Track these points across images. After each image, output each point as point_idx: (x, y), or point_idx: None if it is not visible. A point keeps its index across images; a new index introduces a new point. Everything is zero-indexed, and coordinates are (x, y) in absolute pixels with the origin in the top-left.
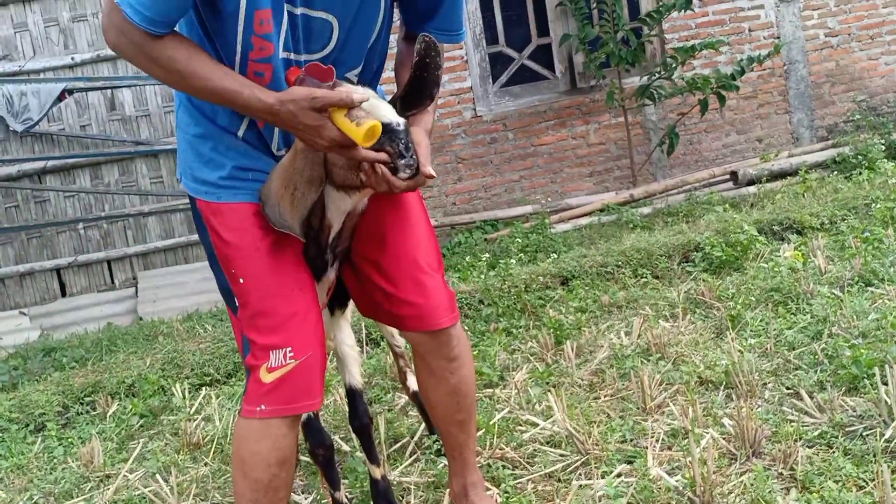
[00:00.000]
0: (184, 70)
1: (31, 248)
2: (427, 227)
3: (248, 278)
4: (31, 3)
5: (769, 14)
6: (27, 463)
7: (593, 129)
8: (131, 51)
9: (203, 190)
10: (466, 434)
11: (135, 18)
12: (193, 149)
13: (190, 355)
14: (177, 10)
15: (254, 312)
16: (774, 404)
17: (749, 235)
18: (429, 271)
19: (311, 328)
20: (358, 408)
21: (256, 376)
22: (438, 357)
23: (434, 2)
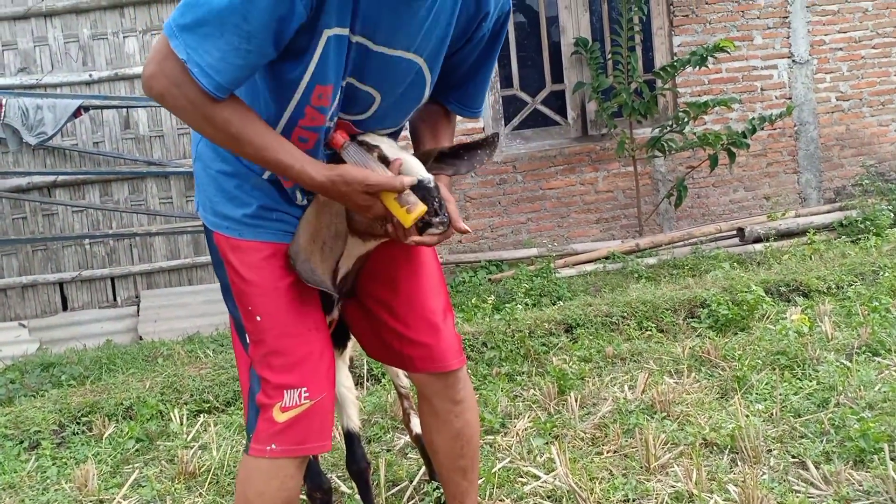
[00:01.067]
0: (237, 134)
1: (36, 260)
2: (437, 271)
3: (266, 316)
4: (53, 18)
5: (782, 74)
6: (20, 482)
7: (602, 177)
8: (183, 105)
9: (224, 225)
10: (468, 482)
11: (203, 81)
12: (216, 183)
13: (190, 380)
14: (246, 77)
15: (269, 351)
16: (780, 472)
17: (756, 295)
18: (439, 313)
19: (325, 369)
20: (356, 451)
21: (269, 415)
22: (444, 399)
23: (465, 79)
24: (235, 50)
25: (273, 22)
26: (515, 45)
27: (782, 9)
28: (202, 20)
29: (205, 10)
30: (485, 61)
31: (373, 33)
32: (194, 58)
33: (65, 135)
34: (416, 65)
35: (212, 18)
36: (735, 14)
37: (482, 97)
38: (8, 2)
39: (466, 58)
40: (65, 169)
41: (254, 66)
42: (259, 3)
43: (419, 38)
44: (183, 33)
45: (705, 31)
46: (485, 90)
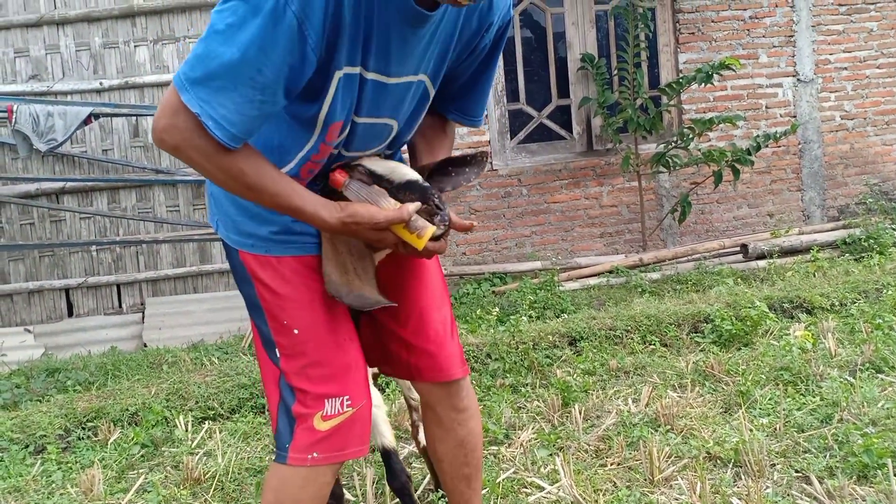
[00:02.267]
0: (252, 184)
1: (43, 266)
2: (441, 283)
3: (304, 329)
4: (65, 27)
5: (787, 93)
6: (25, 485)
7: (606, 191)
8: (198, 157)
9: (249, 243)
10: (472, 490)
11: (218, 133)
12: (236, 203)
13: (195, 387)
14: (260, 126)
15: (309, 362)
16: (783, 487)
17: (759, 311)
18: (443, 324)
19: (362, 378)
20: (394, 467)
21: (309, 425)
22: (447, 408)
23: (466, 89)
24: (250, 102)
25: (286, 71)
26: (522, 60)
27: (788, 28)
28: (214, 74)
29: (216, 63)
30: (485, 70)
31: (386, 67)
32: (208, 111)
33: (74, 142)
34: (422, 84)
35: (223, 72)
36: (741, 32)
37: (483, 105)
38: (21, 9)
39: (468, 68)
40: (73, 176)
41: (267, 115)
42: (273, 56)
43: (424, 60)
44: (194, 87)
45: (711, 49)
46: (486, 98)
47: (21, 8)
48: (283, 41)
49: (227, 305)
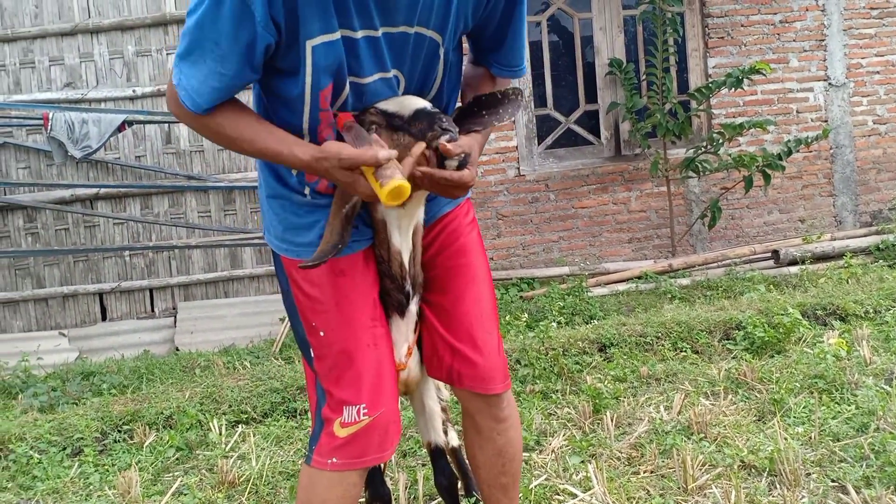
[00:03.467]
0: (231, 136)
1: (77, 270)
2: (490, 294)
3: (329, 332)
4: (99, 35)
5: (818, 97)
6: (63, 487)
7: (635, 196)
8: (185, 120)
9: (284, 247)
10: (509, 499)
11: (186, 103)
12: (272, 210)
13: (228, 391)
14: (226, 96)
15: (331, 365)
16: (819, 496)
17: (793, 318)
18: (489, 334)
19: (383, 384)
20: (444, 466)
21: (330, 430)
22: (487, 417)
23: (497, 40)
24: (213, 74)
25: (241, 46)
26: (550, 65)
27: (819, 32)
28: (189, 49)
29: (189, 38)
30: (512, 14)
31: (371, 21)
32: (183, 82)
33: (108, 149)
34: (424, 37)
35: (195, 47)
36: (771, 36)
37: (520, 53)
38: (56, 18)
39: (492, 15)
40: (107, 182)
41: (231, 87)
42: (224, 29)
43: (418, 11)
44: (180, 62)
45: (740, 53)
46: (522, 45)
47: (56, 17)
48: (228, 15)
49: (257, 310)
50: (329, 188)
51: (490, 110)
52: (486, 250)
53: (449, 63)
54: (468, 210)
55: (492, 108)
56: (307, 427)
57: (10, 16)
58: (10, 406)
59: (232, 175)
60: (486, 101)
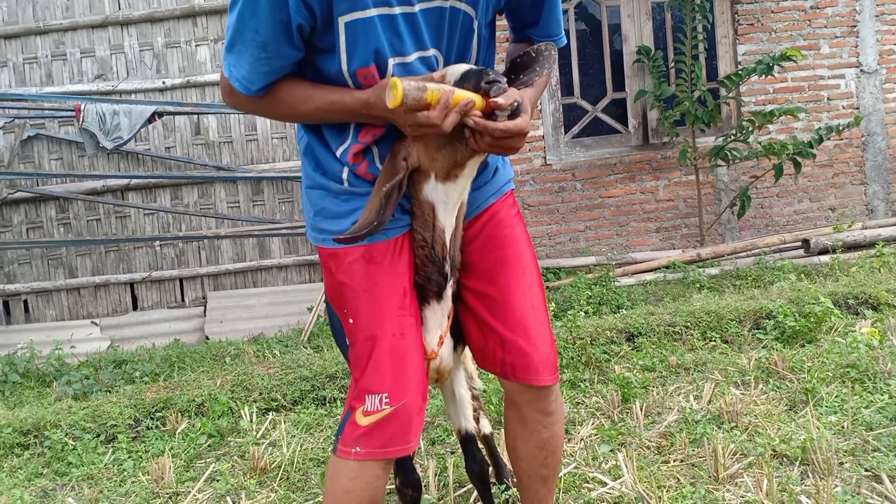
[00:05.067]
0: (291, 102)
1: (108, 260)
2: (539, 286)
3: (357, 319)
4: (129, 27)
5: (849, 84)
6: (98, 473)
7: (663, 185)
8: (248, 108)
9: (320, 237)
10: (548, 490)
11: (240, 90)
12: (310, 201)
13: (259, 379)
14: (277, 75)
15: (358, 353)
16: (853, 485)
17: (824, 307)
18: (540, 325)
19: (407, 374)
20: (474, 453)
21: (353, 418)
22: (535, 410)
23: (534, 14)
24: (258, 60)
25: (280, 25)
26: (577, 54)
27: (850, 18)
28: (232, 41)
29: (231, 31)
30: None
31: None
32: (234, 73)
33: (138, 140)
34: (459, 12)
35: (236, 38)
36: (801, 23)
37: (559, 22)
38: (86, 10)
39: None
40: (138, 173)
41: (280, 68)
42: (262, 16)
43: None
44: (227, 55)
45: (770, 40)
46: (559, 14)
47: (87, 9)
48: (265, 4)
49: (285, 299)
50: (368, 173)
51: (527, 70)
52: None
53: (483, 40)
54: (513, 202)
55: (528, 66)
56: (336, 415)
57: (42, 9)
58: (44, 394)
59: (260, 165)
60: (521, 62)
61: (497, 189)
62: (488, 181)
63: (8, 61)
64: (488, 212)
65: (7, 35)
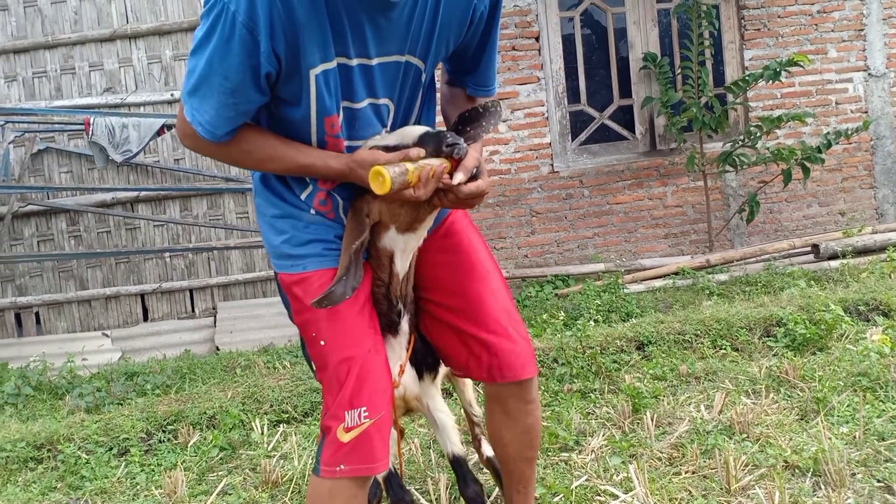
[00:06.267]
0: (261, 158)
1: (119, 272)
2: (504, 280)
3: (328, 340)
4: (137, 40)
5: (857, 88)
6: (111, 487)
7: (671, 192)
8: (209, 152)
9: (288, 264)
10: (532, 469)
11: (205, 136)
12: (274, 228)
13: (269, 391)
14: (242, 120)
15: (332, 374)
16: (865, 497)
17: (835, 314)
18: (518, 319)
19: (382, 390)
20: (466, 475)
21: (334, 437)
22: (518, 400)
23: (474, 63)
24: (225, 105)
25: (249, 74)
26: (583, 60)
27: (857, 21)
28: (196, 85)
29: (196, 76)
30: (488, 38)
31: (366, 50)
32: (197, 118)
33: (147, 152)
34: (411, 65)
35: (201, 83)
36: (808, 27)
37: (493, 74)
38: (95, 24)
39: (471, 40)
40: (147, 185)
41: (245, 112)
42: (232, 63)
43: (408, 41)
44: (189, 98)
45: (777, 45)
46: (495, 66)
47: (95, 23)
48: (237, 48)
49: None
50: (332, 213)
51: (474, 124)
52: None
53: (426, 88)
54: (465, 212)
55: (475, 122)
56: None
57: (51, 23)
58: (57, 406)
59: None
60: (469, 116)
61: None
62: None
63: (17, 75)
64: (444, 225)
65: (16, 49)
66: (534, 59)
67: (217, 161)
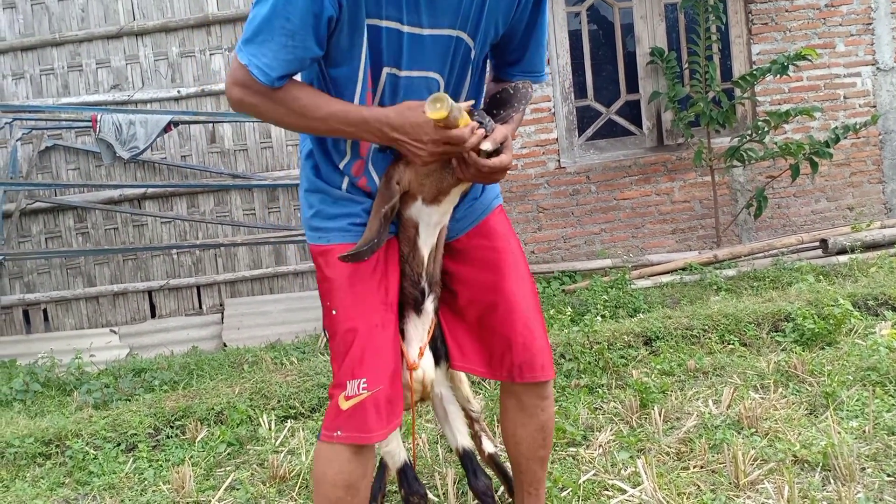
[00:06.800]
0: (306, 103)
1: (126, 269)
2: (531, 280)
3: (340, 310)
4: (143, 37)
5: (866, 82)
6: (119, 482)
7: (678, 187)
8: (256, 101)
9: (316, 236)
10: (544, 470)
11: (261, 78)
12: (307, 202)
13: (276, 387)
14: (296, 68)
15: (339, 342)
16: (875, 491)
17: (843, 309)
18: (542, 322)
19: (385, 363)
20: (476, 469)
21: (335, 403)
22: (534, 396)
23: (520, 52)
24: (284, 47)
25: (310, 17)
26: (589, 56)
27: (865, 15)
28: (257, 30)
29: (257, 21)
30: (536, 22)
31: (419, 18)
32: (254, 62)
33: (154, 149)
34: (462, 42)
35: (263, 27)
36: (816, 21)
37: (543, 58)
38: (101, 21)
39: (519, 24)
40: (154, 182)
41: (300, 59)
42: (297, 3)
43: (460, 15)
44: (246, 46)
45: (785, 39)
46: (544, 51)
47: (102, 20)
48: None
49: (302, 306)
50: (367, 186)
51: (505, 106)
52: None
53: (476, 70)
54: (504, 216)
55: (506, 103)
56: None
57: (58, 20)
58: (65, 402)
59: (275, 173)
60: (500, 98)
61: (488, 205)
62: (477, 197)
63: (25, 73)
64: (482, 227)
65: (24, 47)
66: None
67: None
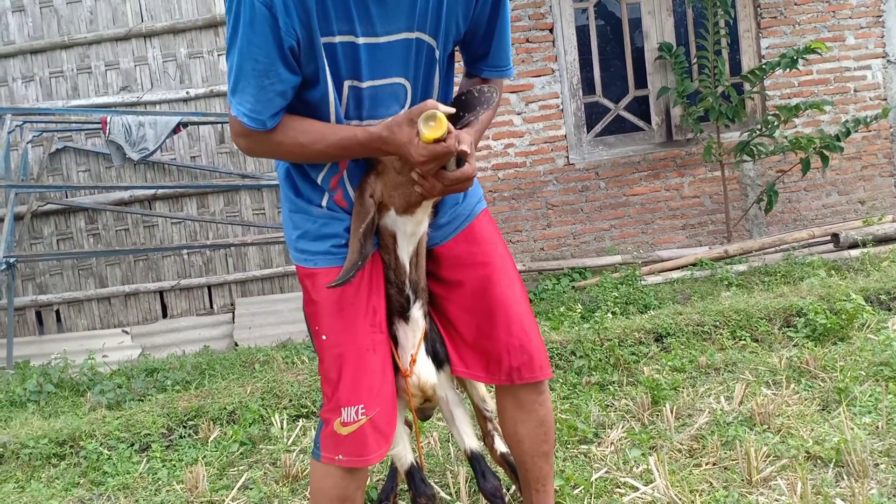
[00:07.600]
0: (303, 141)
1: (138, 269)
2: (520, 280)
3: (329, 335)
4: (152, 39)
5: (876, 75)
6: (133, 482)
7: (688, 182)
8: (260, 148)
9: (303, 257)
10: (550, 465)
11: (252, 125)
12: (292, 223)
13: (288, 386)
14: (282, 102)
15: (330, 367)
16: (889, 487)
17: (856, 304)
18: (534, 322)
19: (379, 387)
20: (484, 470)
21: (331, 429)
22: (531, 392)
23: (485, 46)
24: (261, 89)
25: (274, 51)
26: (597, 51)
27: (875, 7)
28: (235, 79)
29: (233, 71)
30: (497, 17)
31: (372, 28)
32: (241, 109)
33: (164, 150)
34: (423, 42)
35: (239, 75)
36: (825, 14)
37: (507, 53)
38: (110, 24)
39: (480, 19)
40: (164, 182)
41: (281, 93)
42: (260, 43)
43: (416, 16)
44: (232, 97)
45: (794, 33)
46: (509, 45)
47: (110, 22)
48: (259, 27)
49: None
50: (343, 200)
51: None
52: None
53: (443, 69)
54: (489, 219)
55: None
56: None
57: (67, 23)
58: (79, 403)
59: None
60: (464, 100)
61: (471, 210)
62: (459, 202)
63: (35, 76)
64: (468, 233)
65: (33, 50)
66: (548, 50)
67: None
